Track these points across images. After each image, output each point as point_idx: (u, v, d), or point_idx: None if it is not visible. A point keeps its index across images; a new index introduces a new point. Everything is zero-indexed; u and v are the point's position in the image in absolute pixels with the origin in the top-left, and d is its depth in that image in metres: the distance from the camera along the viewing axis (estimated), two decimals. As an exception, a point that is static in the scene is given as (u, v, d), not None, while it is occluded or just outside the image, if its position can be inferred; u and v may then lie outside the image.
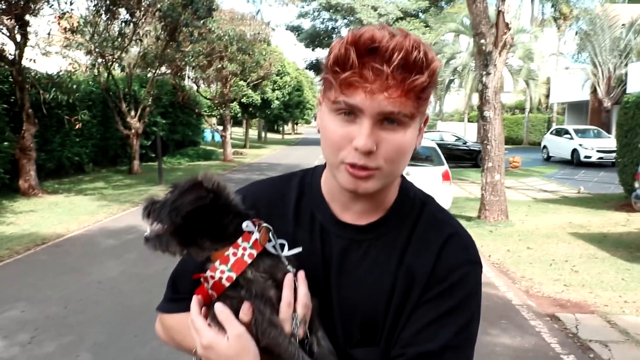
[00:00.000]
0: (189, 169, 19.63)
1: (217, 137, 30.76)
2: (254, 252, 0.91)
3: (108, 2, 14.58)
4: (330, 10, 37.48)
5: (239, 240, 0.91)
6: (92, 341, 4.29)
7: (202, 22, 16.88)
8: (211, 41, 19.25)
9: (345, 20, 38.12)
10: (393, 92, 0.83)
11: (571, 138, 20.86)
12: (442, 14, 30.45)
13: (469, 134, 29.30)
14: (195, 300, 0.93)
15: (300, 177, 1.10)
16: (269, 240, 0.94)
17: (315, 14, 39.77)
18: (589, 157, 19.67)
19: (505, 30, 8.39)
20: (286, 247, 0.95)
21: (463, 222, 9.89)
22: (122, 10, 15.24)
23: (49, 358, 3.98)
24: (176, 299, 1.07)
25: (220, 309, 0.89)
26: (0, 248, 7.03)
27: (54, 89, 12.20)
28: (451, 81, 30.64)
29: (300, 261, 0.96)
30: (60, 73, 13.18)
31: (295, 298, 0.92)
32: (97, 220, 9.44)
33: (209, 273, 0.90)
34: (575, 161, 20.41)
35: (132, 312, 4.91)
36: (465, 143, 21.91)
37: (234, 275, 0.89)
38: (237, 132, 44.64)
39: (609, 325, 4.85)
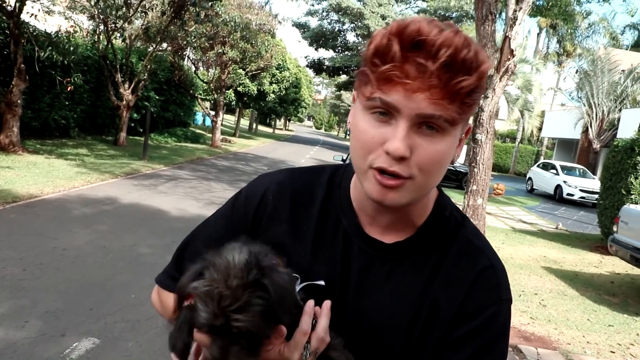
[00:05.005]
0: (174, 149, 19.39)
1: (208, 122, 30.81)
2: None
3: (118, -32, 14.52)
4: (339, 13, 37.37)
5: None
6: (44, 308, 4.13)
7: (210, 4, 16.79)
8: (216, 25, 18.97)
9: (353, 25, 38.04)
10: (435, 93, 0.74)
11: (557, 174, 20.99)
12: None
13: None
14: None
15: (330, 174, 1.00)
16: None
17: (324, 13, 39.59)
18: (572, 195, 19.78)
19: (509, 57, 8.33)
20: (298, 281, 0.88)
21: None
22: (132, -21, 15.13)
23: (-3, 320, 3.82)
24: (178, 278, 0.91)
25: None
26: (-32, 200, 6.80)
27: (50, 47, 11.82)
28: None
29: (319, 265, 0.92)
30: (60, 33, 12.80)
31: (313, 328, 0.83)
32: (73, 186, 9.20)
33: None
34: (557, 197, 20.55)
35: (91, 285, 4.76)
36: (452, 163, 21.69)
37: None
38: (229, 119, 45.01)
39: (569, 364, 4.82)
